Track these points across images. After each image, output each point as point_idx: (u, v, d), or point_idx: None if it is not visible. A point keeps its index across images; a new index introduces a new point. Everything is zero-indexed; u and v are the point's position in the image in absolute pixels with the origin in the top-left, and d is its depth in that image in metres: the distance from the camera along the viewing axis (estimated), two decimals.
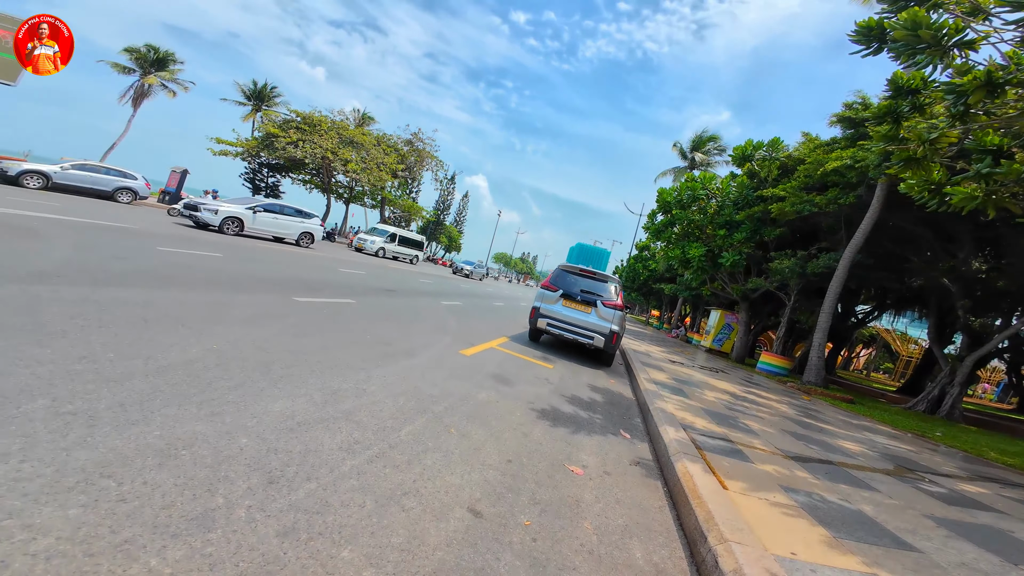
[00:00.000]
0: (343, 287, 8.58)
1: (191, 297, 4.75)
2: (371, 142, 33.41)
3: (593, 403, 4.93)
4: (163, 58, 34.15)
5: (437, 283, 16.87)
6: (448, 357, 5.04)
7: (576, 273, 7.88)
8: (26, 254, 4.97)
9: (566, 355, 7.95)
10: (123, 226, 10.08)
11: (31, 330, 2.82)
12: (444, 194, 61.44)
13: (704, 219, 17.57)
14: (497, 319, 10.70)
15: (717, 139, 35.76)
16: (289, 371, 3.23)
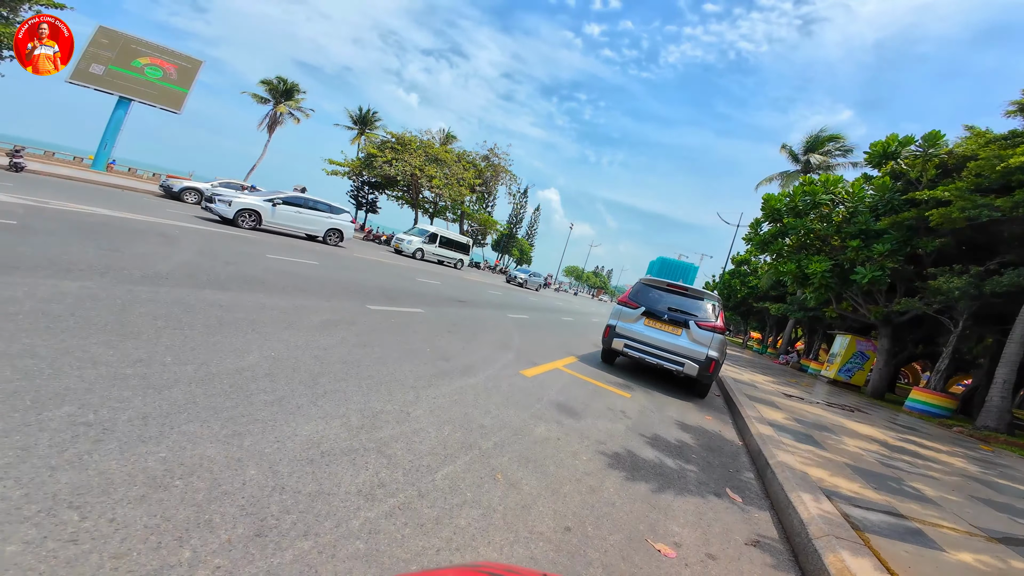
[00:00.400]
0: (417, 296, 8.67)
1: (276, 301, 4.94)
2: (452, 159, 35.14)
3: (684, 447, 4.05)
4: (290, 88, 39.94)
5: (506, 295, 16.63)
6: (507, 378, 4.55)
7: (662, 288, 6.89)
8: (154, 258, 5.64)
9: (647, 381, 6.97)
10: (243, 235, 11.49)
11: (110, 330, 2.95)
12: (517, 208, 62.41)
13: (828, 228, 14.91)
14: (565, 335, 9.98)
15: (840, 139, 30.85)
16: (336, 385, 3.01)
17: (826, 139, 31.05)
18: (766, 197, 16.83)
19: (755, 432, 4.82)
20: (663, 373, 7.92)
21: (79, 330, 2.81)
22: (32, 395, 1.98)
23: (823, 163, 30.42)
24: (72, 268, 4.24)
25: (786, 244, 16.56)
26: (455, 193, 34.05)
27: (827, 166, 30.27)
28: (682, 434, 4.49)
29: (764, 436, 4.67)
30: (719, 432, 5.07)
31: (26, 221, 6.15)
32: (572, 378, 5.54)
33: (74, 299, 3.38)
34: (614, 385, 5.90)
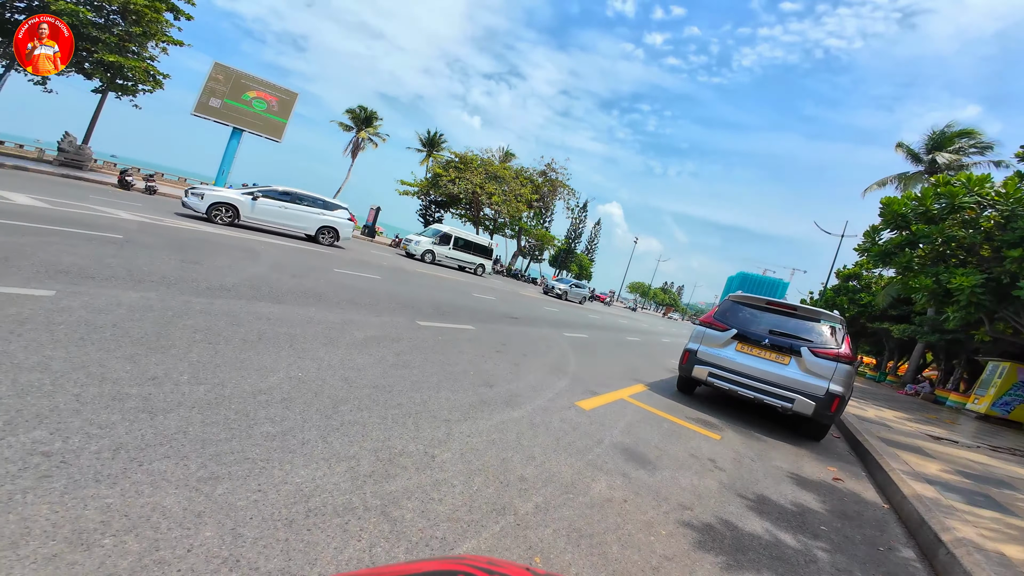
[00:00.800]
0: (469, 312, 8.28)
1: (325, 315, 4.81)
2: (511, 175, 35.28)
3: (807, 514, 3.03)
4: (369, 116, 43.48)
5: (562, 311, 15.62)
6: (559, 410, 3.83)
7: (760, 307, 5.70)
8: (228, 270, 5.88)
9: (738, 416, 5.79)
10: (320, 250, 12.15)
11: (143, 343, 2.84)
12: (575, 222, 60.61)
13: (974, 235, 12.08)
14: (631, 358, 8.87)
15: (975, 134, 25.68)
16: (357, 415, 2.59)
17: (955, 135, 26.05)
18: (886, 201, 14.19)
19: (908, 492, 3.60)
20: (758, 406, 6.63)
21: (110, 342, 2.72)
22: (12, 414, 1.77)
23: (954, 162, 25.51)
24: (144, 279, 4.43)
25: (916, 255, 13.76)
26: (513, 209, 34.15)
27: (959, 165, 25.33)
28: (800, 494, 3.44)
29: (923, 498, 3.45)
30: (853, 491, 3.89)
31: (133, 236, 6.83)
32: (641, 412, 4.66)
33: (126, 310, 3.40)
34: (696, 422, 4.89)
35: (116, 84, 19.77)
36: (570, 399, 4.28)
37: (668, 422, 4.56)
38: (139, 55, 19.52)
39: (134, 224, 8.17)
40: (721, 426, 5.02)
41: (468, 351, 5.01)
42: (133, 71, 18.77)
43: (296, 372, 3.01)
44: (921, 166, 27.49)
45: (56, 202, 8.65)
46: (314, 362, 3.28)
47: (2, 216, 5.98)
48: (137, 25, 18.03)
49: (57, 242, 5.12)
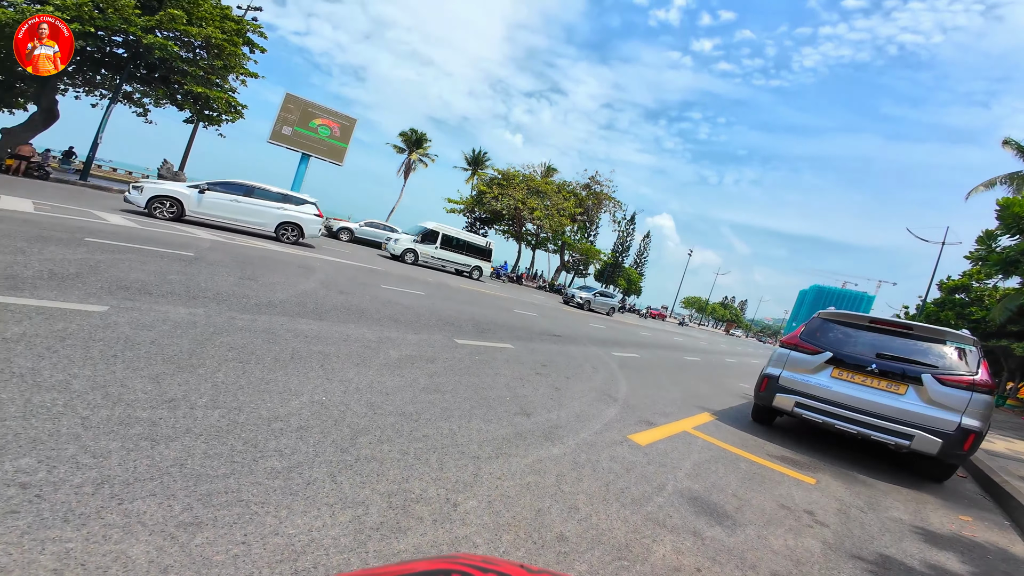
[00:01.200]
0: (509, 329, 7.89)
1: (363, 333, 4.69)
2: (553, 190, 34.79)
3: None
4: (420, 138, 45.64)
5: (610, 329, 14.58)
6: (609, 446, 3.29)
7: (861, 326, 4.83)
8: (280, 287, 6.03)
9: (833, 452, 4.92)
10: (372, 267, 12.49)
11: (174, 361, 2.79)
12: (622, 235, 58.10)
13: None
14: (692, 382, 7.96)
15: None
16: (375, 450, 2.31)
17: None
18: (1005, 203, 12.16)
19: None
20: (859, 441, 5.63)
21: (141, 361, 2.69)
22: (8, 438, 1.67)
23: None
24: (199, 295, 4.57)
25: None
26: (555, 223, 33.63)
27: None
28: (931, 552, 2.72)
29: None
30: (997, 546, 3.07)
31: (203, 254, 7.30)
32: (710, 448, 3.99)
33: (170, 326, 3.43)
34: (781, 461, 4.13)
35: (204, 115, 22.10)
36: (622, 431, 3.73)
37: (746, 461, 3.87)
38: (222, 87, 21.71)
39: (208, 243, 8.80)
40: (814, 466, 4.23)
41: (505, 373, 4.63)
42: (217, 102, 20.90)
43: (320, 396, 2.82)
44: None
45: (145, 223, 9.56)
46: (341, 384, 3.08)
47: (93, 235, 6.61)
48: (219, 59, 20.07)
49: (131, 259, 5.51)
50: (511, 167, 37.25)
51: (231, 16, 20.63)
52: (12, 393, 1.99)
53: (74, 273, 4.22)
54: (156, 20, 17.12)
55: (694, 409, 5.50)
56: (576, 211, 37.81)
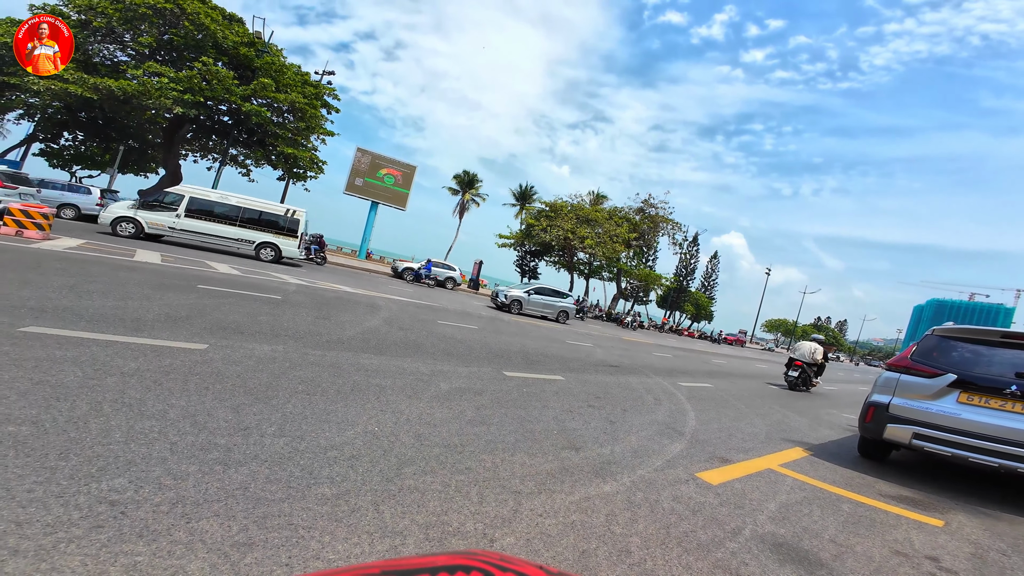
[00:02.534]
0: (561, 361, 7.68)
1: (418, 366, 4.89)
2: (603, 217, 34.06)
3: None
4: (472, 179, 47.89)
5: (676, 358, 13.42)
6: (672, 484, 2.99)
7: (989, 342, 4.16)
8: (349, 325, 6.55)
9: (965, 489, 4.15)
10: (431, 304, 13.07)
11: (253, 393, 3.12)
12: (685, 257, 54.20)
13: None
14: (778, 412, 7.11)
15: None
16: (419, 480, 2.35)
17: None
18: None
19: None
20: (992, 475, 4.65)
21: (227, 392, 3.04)
22: (109, 460, 1.95)
23: None
24: (280, 334, 5.10)
25: None
26: (608, 251, 32.72)
27: None
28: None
29: None
30: None
31: (289, 297, 8.20)
32: (802, 487, 3.49)
33: (255, 361, 3.86)
34: (896, 501, 3.51)
35: (293, 172, 25.27)
36: (688, 469, 3.40)
37: (849, 502, 3.34)
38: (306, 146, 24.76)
39: (293, 287, 9.87)
40: (941, 505, 3.58)
41: (554, 405, 4.49)
42: (302, 160, 23.83)
43: (373, 426, 2.96)
44: None
45: (246, 270, 10.99)
46: (393, 415, 3.21)
47: (204, 282, 7.73)
48: (302, 120, 23.01)
49: (232, 303, 6.34)
50: (558, 198, 37.54)
51: (310, 81, 23.72)
52: (120, 420, 2.34)
53: (185, 316, 4.95)
54: (251, 89, 20.03)
55: (782, 444, 4.90)
56: (630, 236, 36.83)
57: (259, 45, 21.54)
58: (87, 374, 2.84)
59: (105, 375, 2.89)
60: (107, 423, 2.29)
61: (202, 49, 19.42)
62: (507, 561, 0.38)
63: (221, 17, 20.09)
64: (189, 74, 18.27)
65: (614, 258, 36.33)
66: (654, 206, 40.33)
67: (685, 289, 56.34)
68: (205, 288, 7.17)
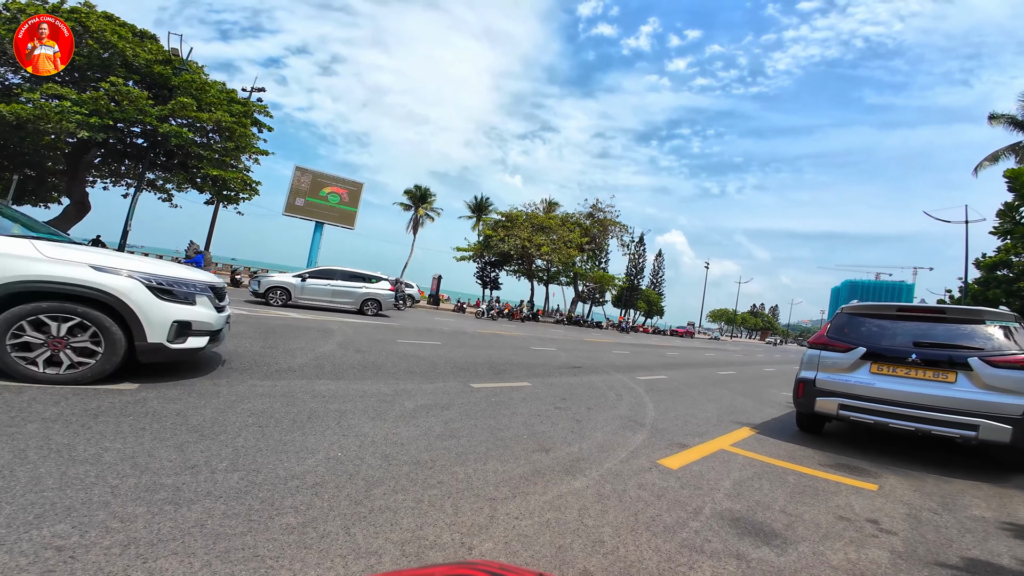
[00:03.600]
0: (526, 367, 7.79)
1: (379, 388, 4.75)
2: (557, 223, 35.35)
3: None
4: (424, 193, 47.46)
5: (634, 355, 14.04)
6: (636, 473, 3.15)
7: (890, 315, 4.65)
8: (299, 352, 6.22)
9: (898, 454, 4.60)
10: (389, 323, 12.73)
11: (197, 430, 2.90)
12: (634, 257, 57.64)
13: None
14: (727, 396, 7.62)
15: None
16: (389, 500, 2.30)
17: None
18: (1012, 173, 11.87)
19: None
20: (917, 438, 5.23)
21: (167, 431, 2.81)
22: (46, 507, 1.78)
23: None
24: (222, 367, 4.76)
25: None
26: (564, 256, 33.91)
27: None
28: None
29: None
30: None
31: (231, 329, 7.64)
32: (752, 464, 3.77)
33: (196, 397, 3.58)
34: (835, 469, 3.86)
35: (222, 195, 23.63)
36: (650, 457, 3.58)
37: (794, 474, 3.63)
38: (236, 167, 23.28)
39: (233, 317, 9.20)
40: (874, 470, 3.94)
41: (523, 411, 4.56)
42: (233, 182, 22.38)
43: (336, 452, 2.85)
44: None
45: None
46: (357, 439, 3.11)
47: None
48: (230, 140, 21.64)
49: None
50: (513, 208, 38.18)
51: (237, 99, 22.46)
52: (50, 467, 2.12)
53: None
54: (168, 109, 18.52)
55: (732, 425, 5.25)
56: (583, 241, 38.17)
57: (176, 62, 20.13)
58: (2, 422, 2.55)
59: (24, 422, 2.60)
60: (35, 470, 2.08)
61: (110, 68, 17.83)
62: (506, 569, 0.38)
63: (131, 34, 18.59)
64: (95, 95, 16.68)
65: (570, 263, 37.36)
66: (602, 210, 42.15)
67: (637, 288, 58.95)
68: None
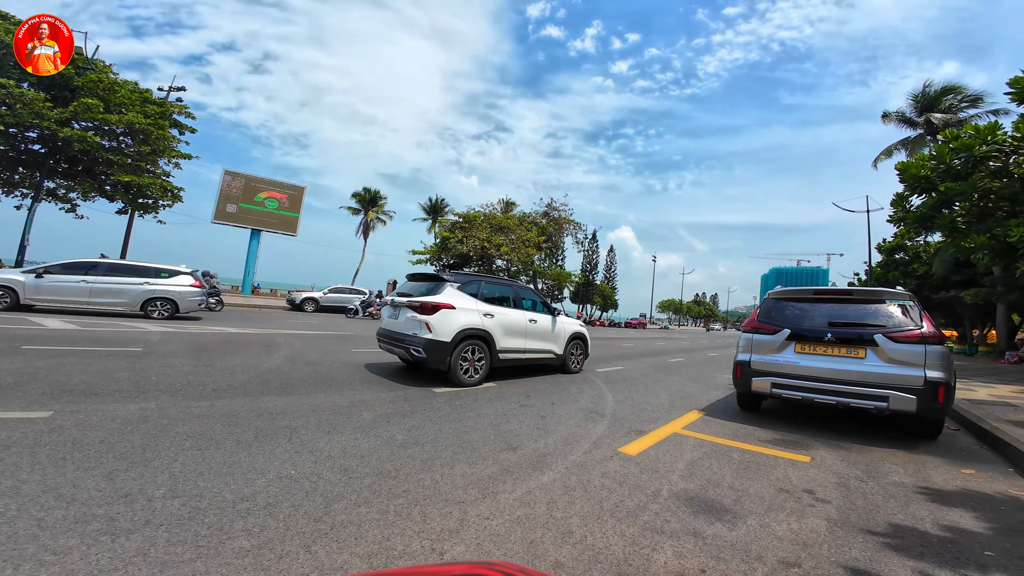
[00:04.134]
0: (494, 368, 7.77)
1: (334, 400, 4.50)
2: (514, 223, 35.73)
3: (961, 538, 2.36)
4: (374, 196, 45.72)
5: (593, 347, 14.47)
6: (599, 463, 3.24)
7: (808, 299, 5.07)
8: (240, 368, 5.75)
9: (825, 427, 5.00)
10: (342, 333, 12.14)
11: (126, 457, 2.63)
12: (588, 254, 60.04)
13: (1012, 184, 11.15)
14: (677, 382, 8.04)
15: (960, 89, 25.29)
16: (352, 514, 2.19)
17: (939, 94, 25.57)
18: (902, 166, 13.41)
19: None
20: (840, 411, 5.76)
21: (92, 460, 2.52)
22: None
23: (948, 120, 24.69)
24: (149, 390, 4.31)
25: (958, 215, 12.72)
26: (523, 255, 34.28)
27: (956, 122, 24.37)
28: (942, 512, 2.72)
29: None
30: (1007, 494, 3.12)
31: (153, 347, 6.93)
32: (702, 445, 3.99)
33: (120, 423, 3.23)
34: (774, 445, 4.16)
35: (138, 203, 21.40)
36: (611, 446, 3.70)
37: (739, 451, 3.87)
38: (153, 173, 21.20)
39: (158, 335, 8.37)
40: (806, 443, 4.27)
41: (488, 411, 4.54)
42: (151, 188, 20.32)
43: (289, 470, 2.67)
44: (919, 129, 26.78)
45: (86, 323, 9.01)
46: (311, 455, 2.93)
47: (30, 342, 6.18)
48: (146, 144, 19.64)
49: (73, 362, 5.17)
50: (470, 208, 37.87)
51: (152, 100, 20.47)
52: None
53: (12, 383, 3.98)
54: (70, 111, 16.64)
55: (682, 410, 5.53)
56: (540, 239, 38.70)
57: (80, 61, 17.95)
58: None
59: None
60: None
61: (3, 69, 15.63)
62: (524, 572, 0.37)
63: None
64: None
65: (529, 262, 37.62)
66: (557, 209, 42.93)
67: (592, 283, 60.80)
68: (34, 348, 5.75)
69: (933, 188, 12.68)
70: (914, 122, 26.97)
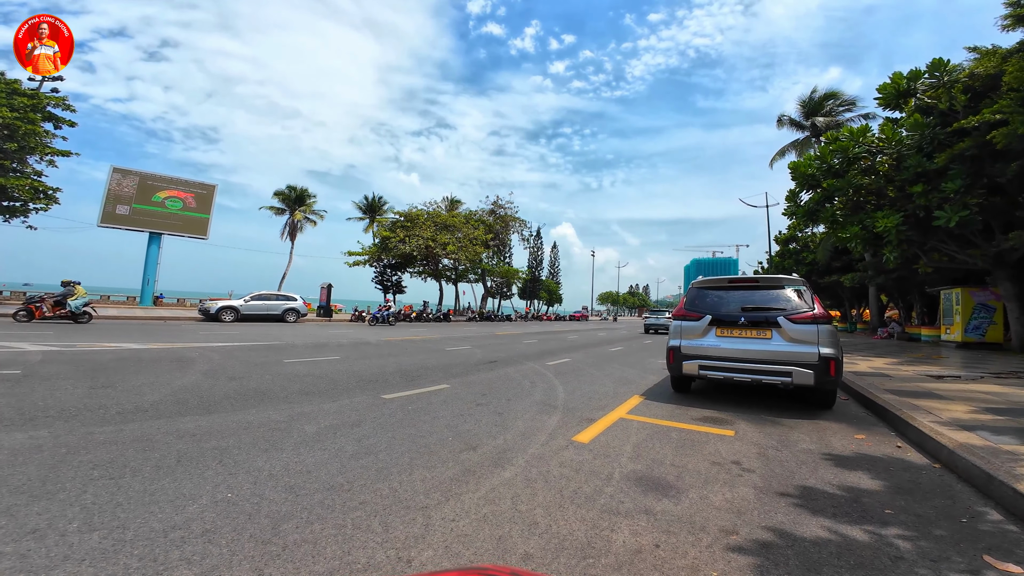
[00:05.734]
0: (442, 369, 7.66)
1: (268, 416, 4.12)
2: (461, 221, 35.45)
3: (863, 498, 2.70)
4: (301, 195, 42.58)
5: (541, 343, 14.98)
6: (556, 453, 3.34)
7: (724, 287, 5.58)
8: (148, 388, 5.06)
9: (744, 403, 5.54)
10: (271, 343, 11.17)
11: (24, 491, 2.23)
12: (533, 251, 61.83)
13: (878, 180, 13.22)
14: (619, 370, 8.55)
15: (838, 95, 29.50)
16: (305, 532, 2.04)
17: (822, 99, 29.68)
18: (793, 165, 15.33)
19: (952, 444, 3.39)
20: (759, 388, 6.43)
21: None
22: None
23: (830, 123, 28.82)
24: (38, 416, 3.67)
25: (836, 208, 14.80)
26: (470, 254, 34.08)
27: (836, 124, 28.49)
28: (843, 475, 3.10)
29: (973, 448, 3.27)
30: (894, 456, 3.62)
31: (34, 369, 5.90)
32: (645, 427, 4.26)
33: (8, 453, 2.77)
34: (704, 422, 4.54)
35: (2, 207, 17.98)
36: (566, 436, 3.82)
37: (676, 430, 4.18)
38: (21, 172, 17.96)
39: (38, 355, 7.14)
40: (730, 419, 4.70)
41: (444, 414, 4.45)
42: (18, 190, 17.16)
43: (224, 493, 2.41)
44: (806, 131, 30.71)
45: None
46: (249, 476, 2.67)
47: None
48: (11, 140, 16.61)
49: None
50: (413, 207, 36.51)
51: (21, 90, 17.33)
52: None
53: None
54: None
55: (625, 396, 5.84)
56: (487, 237, 38.52)
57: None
58: None
59: None
60: None
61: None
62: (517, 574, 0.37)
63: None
64: None
65: (477, 260, 37.19)
66: (503, 207, 42.93)
67: (538, 279, 61.96)
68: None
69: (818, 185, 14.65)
70: (802, 125, 30.79)
